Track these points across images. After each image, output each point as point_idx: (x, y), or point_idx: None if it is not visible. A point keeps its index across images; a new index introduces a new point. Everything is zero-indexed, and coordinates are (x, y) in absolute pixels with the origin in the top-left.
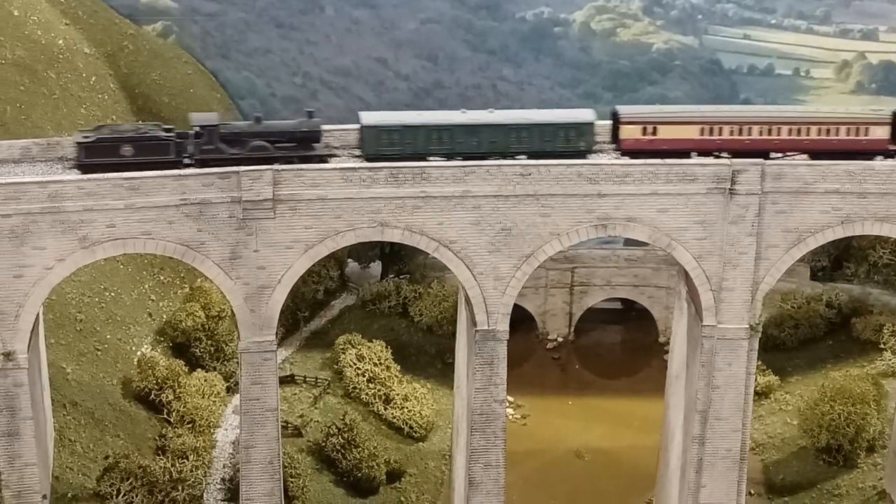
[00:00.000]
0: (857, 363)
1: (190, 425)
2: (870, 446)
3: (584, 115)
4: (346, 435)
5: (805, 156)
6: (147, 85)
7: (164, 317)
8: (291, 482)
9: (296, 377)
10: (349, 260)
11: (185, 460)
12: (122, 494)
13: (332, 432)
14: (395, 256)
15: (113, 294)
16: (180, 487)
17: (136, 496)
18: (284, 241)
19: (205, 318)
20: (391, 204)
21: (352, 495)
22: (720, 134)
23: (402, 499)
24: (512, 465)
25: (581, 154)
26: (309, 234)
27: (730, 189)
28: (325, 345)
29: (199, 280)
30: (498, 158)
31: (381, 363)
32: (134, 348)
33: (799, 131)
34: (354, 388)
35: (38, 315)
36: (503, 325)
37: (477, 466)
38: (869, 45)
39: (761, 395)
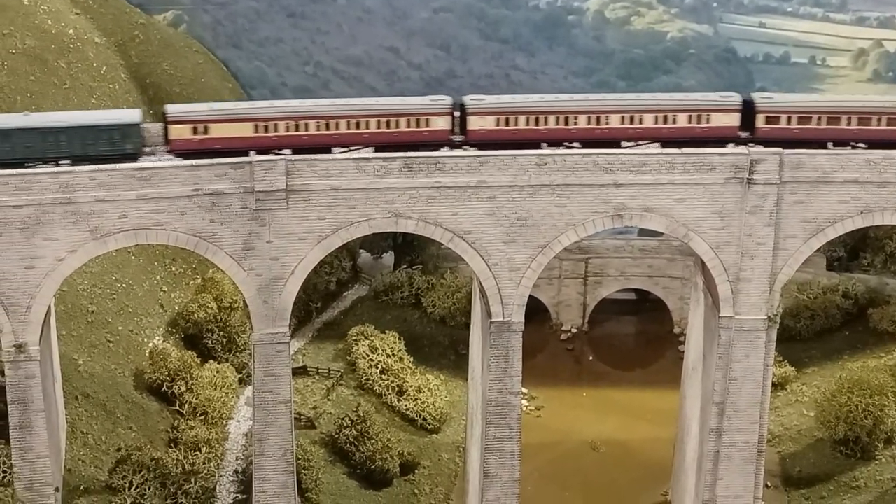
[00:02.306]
0: (874, 354)
1: (202, 417)
2: (888, 438)
3: (129, 115)
4: (359, 427)
5: (371, 149)
6: (158, 75)
7: (176, 308)
8: (304, 474)
9: (308, 369)
10: (361, 251)
11: (198, 452)
12: (134, 487)
13: (345, 424)
14: (408, 247)
15: (124, 285)
16: (193, 480)
17: (149, 489)
18: (298, 232)
19: (217, 310)
20: (405, 194)
21: (365, 487)
22: (276, 130)
23: (416, 491)
24: (526, 457)
25: (130, 157)
26: (322, 224)
27: (748, 179)
28: (337, 336)
29: (211, 271)
30: (36, 164)
31: (394, 354)
32: (146, 340)
33: (359, 125)
34: (367, 379)
35: (49, 306)
36: (518, 317)
37: (492, 459)
38: (886, 33)
39: (777, 386)
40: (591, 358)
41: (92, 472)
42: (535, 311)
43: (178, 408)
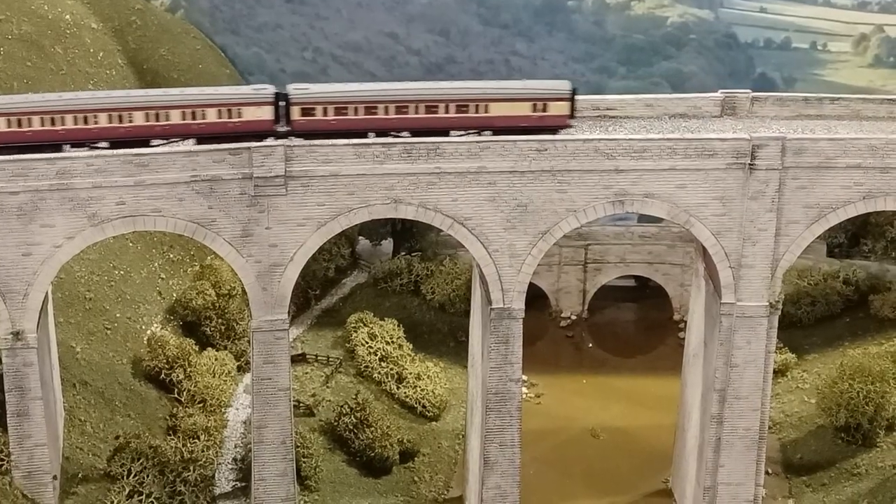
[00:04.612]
0: (875, 341)
1: (201, 405)
2: (889, 425)
3: None
4: (358, 414)
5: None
6: (155, 61)
7: (174, 295)
8: (304, 462)
9: (307, 356)
10: (360, 237)
11: (197, 440)
12: (132, 475)
13: (344, 412)
14: (407, 234)
15: (122, 272)
16: (192, 468)
17: (147, 476)
18: (297, 218)
19: (215, 297)
20: (405, 180)
21: (365, 475)
22: None
23: (416, 478)
24: (526, 445)
25: None
26: (321, 210)
27: (749, 164)
28: (336, 323)
29: (209, 258)
30: None
31: (393, 341)
32: (144, 327)
33: None
34: (367, 366)
35: (47, 294)
36: (519, 304)
37: (492, 446)
38: (887, 18)
39: (778, 373)
40: (590, 345)
41: (90, 460)
42: (535, 297)
43: (176, 395)
